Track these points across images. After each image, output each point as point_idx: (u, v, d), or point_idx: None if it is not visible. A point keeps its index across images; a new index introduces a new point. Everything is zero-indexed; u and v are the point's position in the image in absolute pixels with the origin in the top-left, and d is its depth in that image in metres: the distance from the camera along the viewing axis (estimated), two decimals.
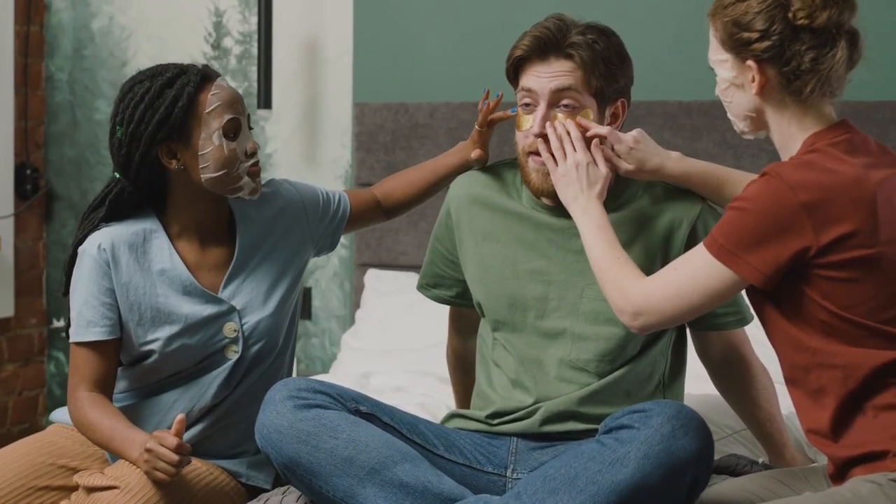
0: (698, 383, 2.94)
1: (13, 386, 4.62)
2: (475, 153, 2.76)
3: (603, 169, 2.50)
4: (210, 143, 2.57)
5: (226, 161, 2.58)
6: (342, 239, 4.21)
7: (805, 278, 2.17)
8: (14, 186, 4.52)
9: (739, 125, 2.33)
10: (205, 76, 2.60)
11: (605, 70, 2.55)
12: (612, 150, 2.53)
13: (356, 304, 4.18)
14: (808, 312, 2.18)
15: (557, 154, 2.50)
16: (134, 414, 2.66)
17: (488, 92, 2.77)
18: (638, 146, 2.53)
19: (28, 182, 4.55)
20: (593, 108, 2.55)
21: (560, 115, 2.54)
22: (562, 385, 2.58)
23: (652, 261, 2.56)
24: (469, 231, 2.70)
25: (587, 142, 2.52)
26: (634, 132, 2.55)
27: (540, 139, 2.54)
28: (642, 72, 3.87)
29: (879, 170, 2.18)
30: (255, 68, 4.35)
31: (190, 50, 4.45)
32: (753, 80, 2.24)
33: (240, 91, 4.32)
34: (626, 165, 2.53)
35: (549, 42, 2.54)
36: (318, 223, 2.79)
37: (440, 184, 2.85)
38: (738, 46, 2.24)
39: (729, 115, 2.34)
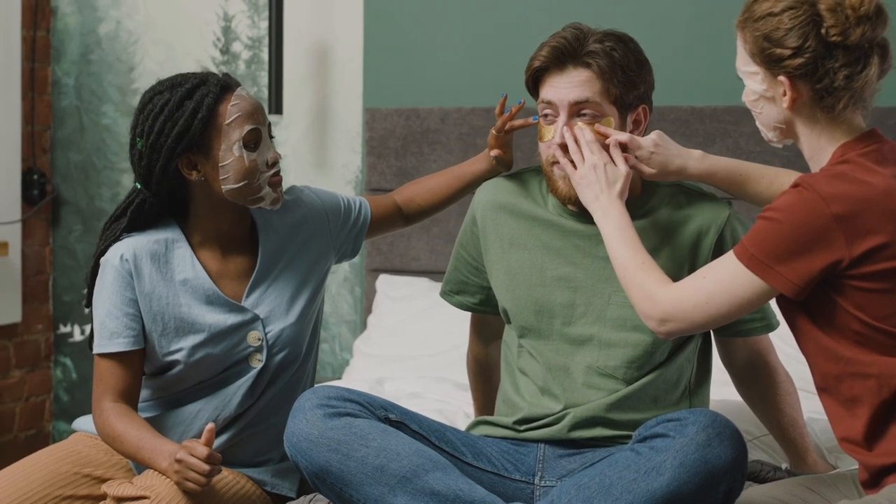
0: (717, 388, 2.94)
1: (20, 392, 4.60)
2: (495, 152, 2.73)
3: (622, 167, 2.49)
4: (230, 155, 2.56)
5: (246, 172, 2.57)
6: None
7: (838, 289, 2.17)
8: (21, 192, 4.50)
9: (768, 135, 2.33)
10: (224, 86, 2.58)
11: (624, 77, 2.54)
12: (634, 157, 2.53)
13: (367, 310, 4.18)
14: (840, 323, 2.19)
15: (575, 158, 2.51)
16: (158, 424, 2.65)
17: (506, 97, 2.75)
18: (658, 149, 2.52)
19: (35, 187, 4.54)
20: (614, 116, 2.55)
21: (580, 124, 2.54)
22: (590, 392, 2.58)
23: (680, 268, 2.56)
24: (495, 238, 2.69)
25: (605, 146, 2.52)
26: (653, 134, 2.54)
27: (558, 148, 2.54)
28: (654, 77, 3.91)
29: None
30: (264, 73, 4.34)
31: (198, 55, 4.44)
32: (785, 95, 2.24)
33: None
34: (648, 170, 2.53)
35: (567, 52, 2.54)
36: (340, 230, 2.79)
37: (465, 190, 2.84)
38: (769, 61, 2.24)
39: (757, 123, 2.34)
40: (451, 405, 3.36)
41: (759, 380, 2.74)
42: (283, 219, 2.72)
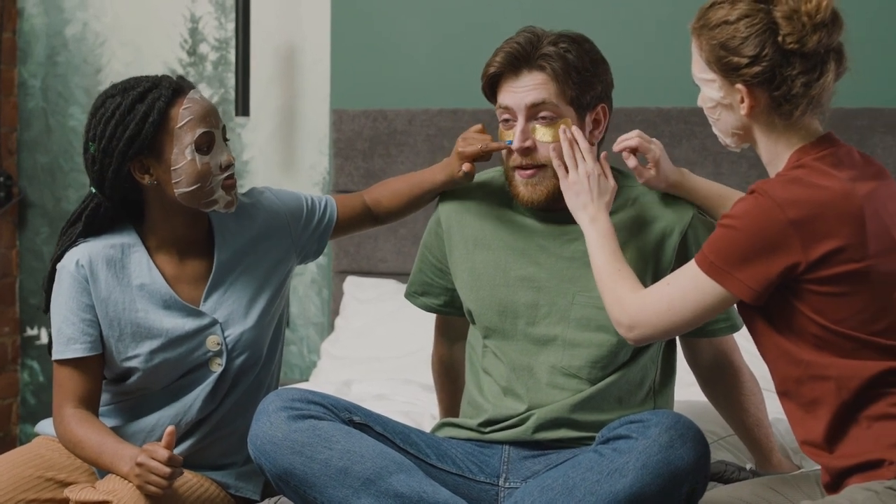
0: (683, 389, 2.95)
1: None
2: (466, 167, 2.67)
3: (611, 182, 2.52)
4: (183, 158, 2.54)
5: (199, 175, 2.55)
6: None
7: (795, 293, 2.18)
8: None
9: (725, 140, 2.34)
10: (177, 90, 2.57)
11: (579, 78, 2.55)
12: (645, 160, 2.57)
13: (335, 312, 4.17)
14: (799, 326, 2.20)
15: (569, 163, 2.51)
16: (120, 432, 2.64)
17: (483, 127, 2.71)
18: (664, 156, 2.58)
19: (1, 189, 4.52)
20: (572, 117, 2.56)
21: (538, 126, 2.55)
22: (554, 392, 2.58)
23: (644, 267, 2.57)
24: (460, 239, 2.70)
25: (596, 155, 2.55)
26: (658, 146, 2.59)
27: (552, 150, 2.54)
28: (621, 79, 3.88)
29: (865, 182, 2.20)
30: (231, 75, 4.34)
31: (165, 56, 4.43)
32: (742, 102, 2.24)
33: (216, 98, 4.33)
34: (650, 173, 2.56)
35: (520, 56, 2.54)
36: (303, 232, 2.77)
37: (424, 198, 2.79)
38: (726, 69, 2.23)
39: (714, 129, 2.35)
40: (418, 407, 3.36)
41: (723, 380, 2.76)
42: (241, 222, 2.71)
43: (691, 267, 2.24)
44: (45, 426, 2.74)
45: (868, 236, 2.15)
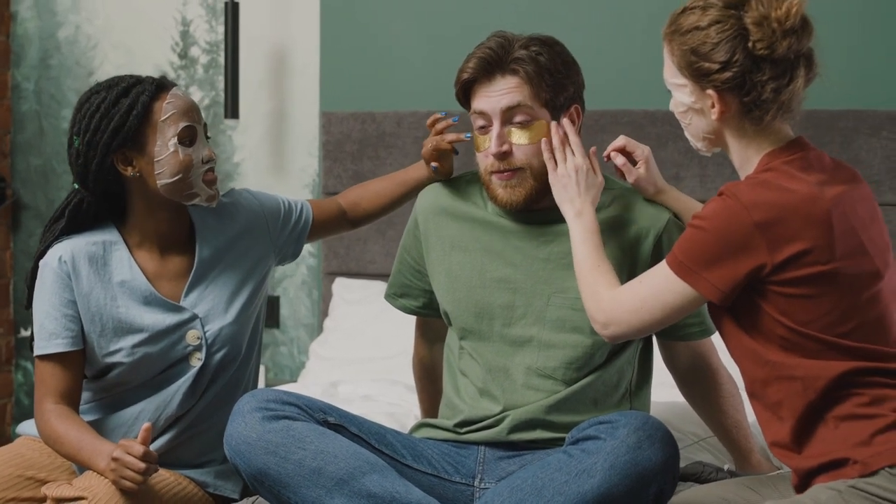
0: (664, 390, 2.96)
1: None
2: (434, 164, 2.74)
3: (599, 177, 2.54)
4: (166, 150, 2.59)
5: (181, 166, 2.60)
6: (310, 248, 4.27)
7: (762, 294, 2.20)
8: None
9: (697, 144, 2.36)
10: (160, 86, 2.63)
11: (552, 80, 2.56)
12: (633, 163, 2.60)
13: (324, 313, 4.19)
14: (765, 327, 2.22)
15: (558, 156, 2.54)
16: (100, 427, 2.66)
17: (434, 118, 2.78)
18: (652, 158, 2.61)
19: None
20: (547, 119, 2.57)
21: (514, 130, 2.56)
22: (529, 393, 2.59)
23: (620, 268, 2.58)
24: (437, 241, 2.71)
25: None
26: (646, 149, 2.62)
27: (546, 146, 2.56)
28: (607, 81, 3.94)
29: (834, 186, 2.21)
30: (222, 77, 4.35)
31: (157, 59, 4.45)
32: (713, 107, 2.25)
33: (207, 100, 4.35)
34: (640, 172, 2.59)
35: (493, 61, 2.56)
36: (280, 232, 2.81)
37: (407, 196, 2.86)
38: (697, 75, 2.25)
39: (686, 133, 2.36)
40: (403, 408, 3.38)
41: (701, 382, 2.76)
42: (222, 220, 2.75)
43: (662, 267, 2.27)
44: (27, 427, 2.77)
45: (835, 239, 2.17)
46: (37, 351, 2.62)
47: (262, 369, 4.34)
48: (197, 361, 2.67)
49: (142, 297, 2.65)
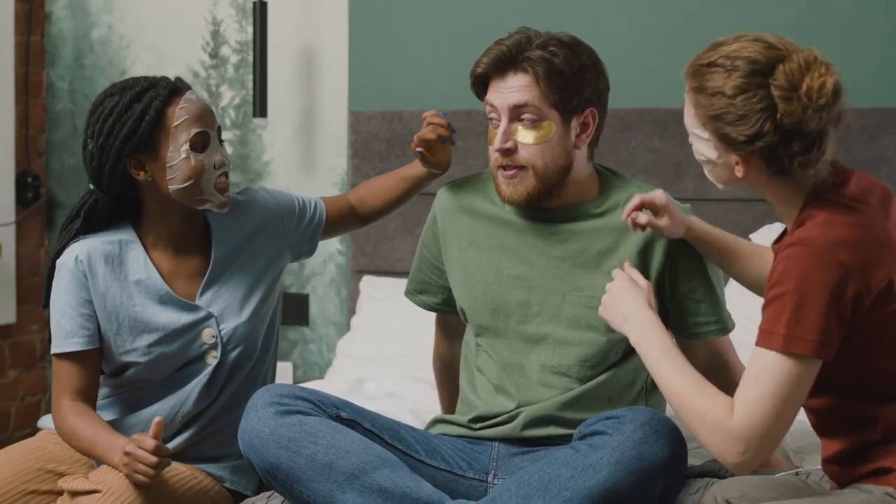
0: None
1: (14, 391, 4.66)
2: (419, 149, 2.74)
3: (642, 282, 2.41)
4: (178, 156, 2.60)
5: (192, 172, 2.61)
6: (339, 245, 4.29)
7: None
8: (15, 194, 4.56)
9: (719, 186, 2.25)
10: (174, 90, 2.64)
11: (563, 83, 2.55)
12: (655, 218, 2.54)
13: (352, 311, 4.21)
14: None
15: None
16: (118, 426, 2.69)
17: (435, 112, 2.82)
18: (671, 203, 2.53)
19: (29, 190, 4.59)
20: (556, 121, 2.57)
21: (521, 128, 2.57)
22: (543, 390, 2.60)
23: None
24: (454, 238, 2.73)
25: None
26: (660, 192, 2.53)
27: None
28: (633, 79, 3.93)
29: (878, 210, 2.16)
30: (252, 77, 4.39)
31: (187, 59, 4.49)
32: (738, 164, 2.14)
33: (237, 100, 4.39)
34: (665, 221, 2.52)
35: (506, 59, 2.57)
36: (295, 230, 2.83)
37: (409, 191, 2.88)
38: (723, 141, 2.13)
39: (706, 173, 2.25)
40: (425, 405, 3.39)
41: (719, 380, 2.70)
42: (237, 219, 2.77)
43: (767, 355, 2.08)
44: (48, 421, 2.80)
45: None
46: (54, 349, 2.66)
47: (290, 367, 4.37)
48: (213, 360, 2.70)
49: (157, 297, 2.68)
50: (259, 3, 4.22)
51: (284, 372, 4.33)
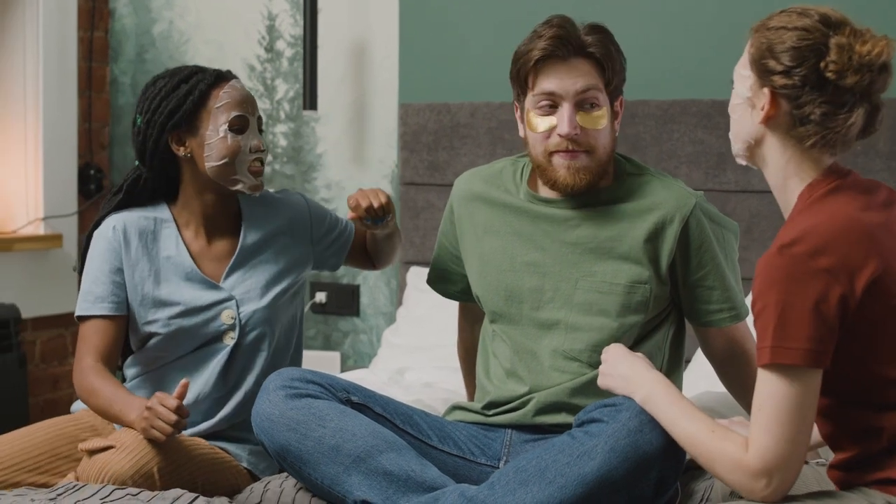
0: (707, 380, 2.95)
1: None
2: (350, 215, 2.73)
3: (638, 356, 2.39)
4: (216, 135, 2.75)
5: (228, 151, 2.75)
6: None
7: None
8: (78, 186, 4.67)
9: (736, 146, 2.26)
10: (220, 76, 2.80)
11: (615, 67, 2.62)
12: None
13: (400, 302, 4.26)
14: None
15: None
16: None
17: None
18: None
19: (92, 182, 4.70)
20: (606, 105, 2.62)
21: (582, 113, 2.59)
22: (555, 375, 2.62)
23: (638, 258, 2.60)
24: (470, 226, 2.76)
25: None
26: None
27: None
28: (677, 71, 3.93)
29: (873, 212, 2.14)
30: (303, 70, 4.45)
31: (244, 53, 4.56)
32: (763, 108, 2.17)
33: (291, 92, 4.45)
34: None
35: (569, 42, 2.59)
36: (322, 239, 2.93)
37: (374, 244, 2.97)
38: (762, 70, 2.17)
39: (730, 133, 2.28)
40: (459, 394, 3.41)
41: (737, 368, 2.73)
42: (269, 212, 2.88)
43: (762, 375, 2.04)
44: (79, 405, 2.89)
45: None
46: (80, 311, 2.77)
47: (338, 357, 4.42)
48: (230, 340, 2.78)
49: (184, 274, 2.79)
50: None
51: (332, 362, 4.39)
